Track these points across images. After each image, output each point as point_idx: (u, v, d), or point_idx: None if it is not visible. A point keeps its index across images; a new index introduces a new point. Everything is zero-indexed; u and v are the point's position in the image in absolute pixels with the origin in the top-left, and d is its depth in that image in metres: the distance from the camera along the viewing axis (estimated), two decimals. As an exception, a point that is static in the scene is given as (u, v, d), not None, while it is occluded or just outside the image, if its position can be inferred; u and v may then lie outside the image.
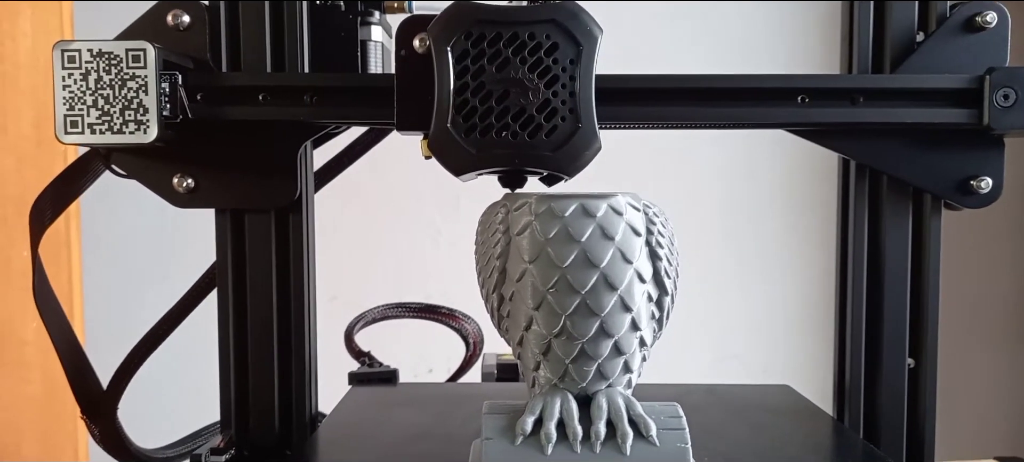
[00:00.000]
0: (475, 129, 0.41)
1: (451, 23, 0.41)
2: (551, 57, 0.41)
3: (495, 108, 0.41)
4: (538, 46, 0.41)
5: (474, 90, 0.41)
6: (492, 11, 0.41)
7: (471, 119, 0.41)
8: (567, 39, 0.41)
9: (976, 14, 0.49)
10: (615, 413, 0.39)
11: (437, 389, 0.65)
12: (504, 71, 0.41)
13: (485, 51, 0.41)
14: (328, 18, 0.52)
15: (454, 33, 0.41)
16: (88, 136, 0.44)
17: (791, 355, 1.45)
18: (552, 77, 0.41)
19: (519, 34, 0.41)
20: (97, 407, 0.55)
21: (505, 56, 0.41)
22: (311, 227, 0.53)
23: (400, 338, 0.74)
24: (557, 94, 0.41)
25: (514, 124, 0.41)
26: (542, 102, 0.41)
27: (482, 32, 0.41)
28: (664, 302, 0.41)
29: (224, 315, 0.51)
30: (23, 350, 1.11)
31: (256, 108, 0.47)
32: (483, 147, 0.41)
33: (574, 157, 0.41)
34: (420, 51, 0.44)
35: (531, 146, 0.41)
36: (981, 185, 0.50)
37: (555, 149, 0.41)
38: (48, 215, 0.53)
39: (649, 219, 0.40)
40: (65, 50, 0.44)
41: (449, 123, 0.41)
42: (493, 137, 0.41)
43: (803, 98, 0.47)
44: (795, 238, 1.44)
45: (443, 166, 0.42)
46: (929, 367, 0.52)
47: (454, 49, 0.41)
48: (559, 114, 0.41)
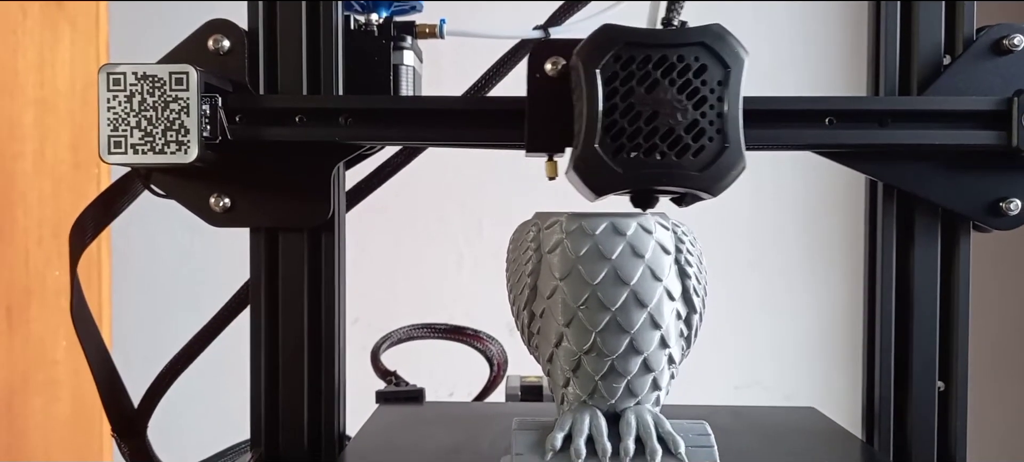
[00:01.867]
0: (623, 150, 0.41)
1: (600, 45, 0.41)
2: (699, 79, 0.41)
3: (644, 129, 0.41)
4: (686, 68, 0.41)
5: (623, 111, 0.41)
6: (641, 34, 0.42)
7: (619, 139, 0.41)
8: (715, 61, 0.41)
9: (1003, 37, 0.49)
10: (644, 430, 0.39)
11: (464, 408, 0.66)
12: (653, 92, 0.41)
13: (634, 73, 0.41)
14: (362, 43, 0.53)
15: (603, 55, 0.41)
16: (131, 156, 0.46)
17: (816, 381, 1.43)
18: (700, 98, 0.41)
19: (668, 56, 0.41)
20: (129, 426, 0.56)
21: (654, 78, 0.41)
22: (342, 246, 0.54)
23: (421, 360, 0.75)
24: (705, 115, 0.41)
25: (661, 144, 0.41)
26: (690, 123, 0.41)
27: (631, 54, 0.41)
28: (693, 320, 0.41)
29: (256, 333, 0.52)
30: (54, 369, 1.13)
31: (293, 129, 0.48)
32: (630, 167, 0.41)
33: (720, 177, 0.41)
34: (552, 74, 0.45)
35: (678, 166, 0.41)
36: (1010, 207, 0.49)
37: (702, 169, 0.41)
38: (88, 234, 0.54)
39: (678, 238, 0.41)
40: (111, 73, 0.46)
41: (597, 143, 0.41)
42: (641, 157, 0.41)
43: (831, 120, 0.48)
44: (820, 263, 1.43)
45: (587, 186, 0.42)
46: (960, 390, 0.52)
47: (603, 71, 0.41)
48: (706, 134, 0.41)
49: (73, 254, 0.54)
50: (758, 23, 1.39)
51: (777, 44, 1.40)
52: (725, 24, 0.42)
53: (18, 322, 1.07)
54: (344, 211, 0.55)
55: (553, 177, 0.47)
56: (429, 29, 0.56)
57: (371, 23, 0.53)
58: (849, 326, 1.43)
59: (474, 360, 0.74)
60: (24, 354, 1.08)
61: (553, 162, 0.48)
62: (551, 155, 0.48)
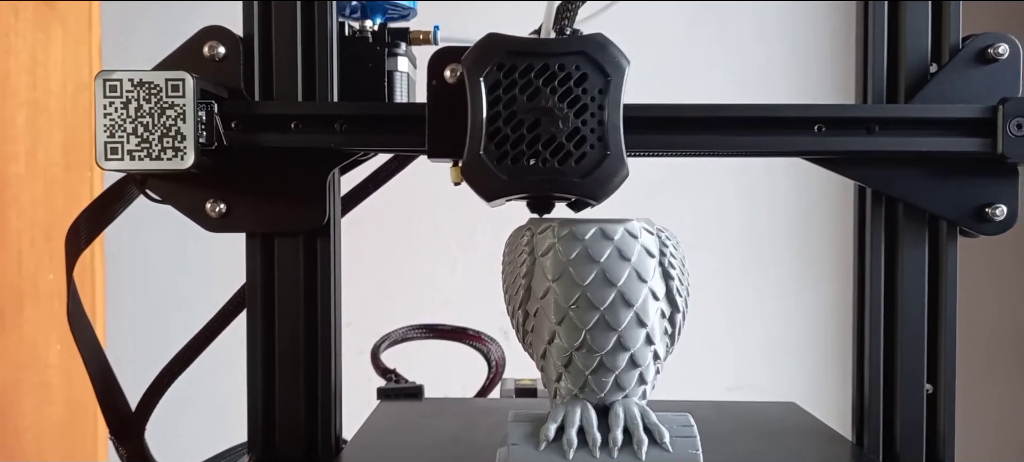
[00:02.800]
0: (507, 156, 0.43)
1: (484, 54, 0.43)
2: (580, 87, 0.42)
3: (526, 136, 0.43)
4: (568, 76, 0.42)
5: (506, 119, 0.43)
6: (524, 43, 0.43)
7: (503, 146, 0.43)
8: (596, 70, 0.42)
9: (988, 46, 0.50)
10: (631, 421, 0.42)
11: (462, 403, 0.68)
12: (535, 100, 0.42)
13: (516, 81, 0.42)
14: (357, 49, 0.54)
15: (487, 64, 0.43)
16: (127, 162, 0.46)
17: (807, 383, 1.45)
18: (581, 106, 0.42)
19: (549, 65, 0.42)
20: (126, 428, 0.57)
21: (536, 86, 0.42)
22: (338, 251, 0.54)
23: (416, 363, 0.76)
24: (586, 123, 0.42)
25: (544, 151, 0.42)
26: (572, 130, 0.42)
27: (514, 63, 0.43)
28: (676, 319, 0.44)
29: (253, 337, 0.53)
30: (47, 372, 1.13)
31: (288, 135, 0.49)
32: (514, 174, 0.43)
33: (602, 183, 0.43)
34: (451, 81, 0.46)
35: (561, 173, 0.42)
36: (996, 212, 0.50)
37: (584, 176, 0.42)
38: (83, 239, 0.55)
39: (662, 242, 0.43)
40: (107, 80, 0.46)
41: (482, 150, 0.43)
42: (524, 164, 0.43)
43: (820, 127, 0.49)
44: (811, 267, 1.45)
45: (475, 191, 0.43)
46: (947, 393, 0.53)
47: (487, 79, 0.43)
48: (588, 142, 0.42)
49: (69, 258, 0.54)
50: (748, 31, 1.40)
51: (767, 51, 1.41)
52: (716, 32, 0.43)
53: (11, 325, 1.06)
54: (339, 216, 0.55)
55: (458, 182, 0.48)
56: (423, 35, 0.56)
57: (366, 30, 0.54)
58: (839, 329, 1.44)
59: (469, 364, 0.75)
60: (17, 356, 1.08)
61: (457, 167, 0.48)
62: (455, 161, 0.48)
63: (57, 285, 1.11)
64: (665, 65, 1.33)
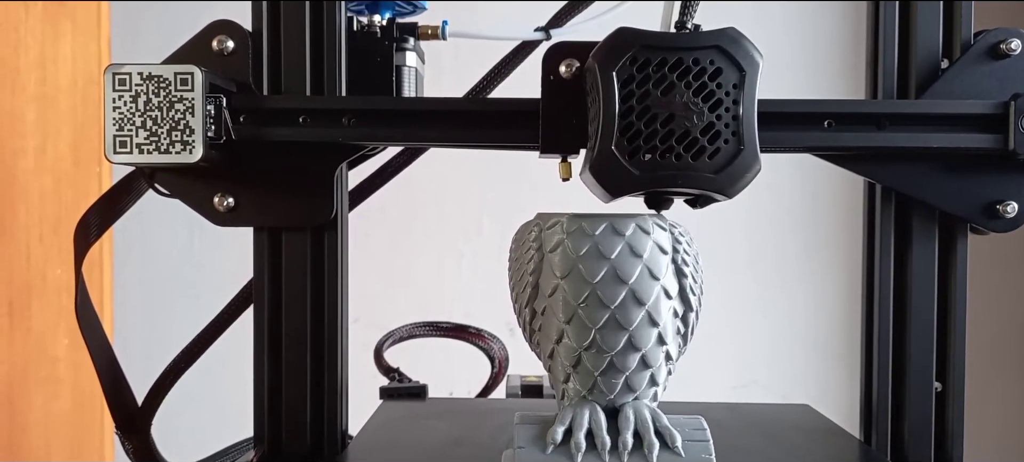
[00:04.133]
0: (639, 151, 0.42)
1: (618, 48, 0.42)
2: (715, 81, 0.41)
3: (660, 131, 0.42)
4: (702, 71, 0.41)
5: (639, 114, 0.42)
6: (657, 37, 0.42)
7: (635, 141, 0.42)
8: (730, 64, 0.41)
9: (1000, 41, 0.50)
10: (642, 424, 0.40)
11: (466, 404, 0.67)
12: (669, 95, 0.41)
13: (650, 75, 0.42)
14: (365, 44, 0.53)
15: (620, 57, 0.42)
16: (136, 156, 0.46)
17: (813, 381, 1.44)
18: (716, 101, 0.41)
19: (684, 59, 0.41)
20: (132, 423, 0.57)
21: (670, 80, 0.41)
22: (345, 245, 0.54)
23: (421, 359, 0.76)
24: (720, 118, 0.41)
25: (677, 146, 0.41)
26: (705, 125, 0.41)
27: (648, 57, 0.42)
28: (689, 318, 0.43)
29: (260, 331, 0.53)
30: (54, 366, 1.13)
31: (296, 129, 0.49)
32: (646, 168, 0.42)
33: (736, 179, 0.42)
34: (566, 76, 0.46)
35: (693, 168, 0.41)
36: (1007, 209, 0.50)
37: (717, 171, 0.41)
38: (93, 233, 0.55)
39: (675, 238, 0.42)
40: (116, 73, 0.46)
41: (614, 145, 0.41)
42: (656, 159, 0.42)
43: (829, 123, 0.48)
44: (817, 263, 1.44)
45: (603, 187, 0.42)
46: (956, 391, 0.53)
47: (620, 74, 0.42)
48: (722, 137, 0.41)
49: (78, 252, 0.54)
50: (757, 26, 1.39)
51: (776, 47, 1.40)
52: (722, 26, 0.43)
53: (19, 319, 1.07)
54: (347, 211, 0.55)
55: (567, 178, 0.48)
56: (431, 30, 0.56)
57: (374, 24, 0.54)
58: (845, 326, 1.44)
59: (474, 360, 0.75)
60: (24, 351, 1.08)
61: (567, 163, 0.48)
62: (565, 156, 0.48)
63: (65, 279, 1.12)
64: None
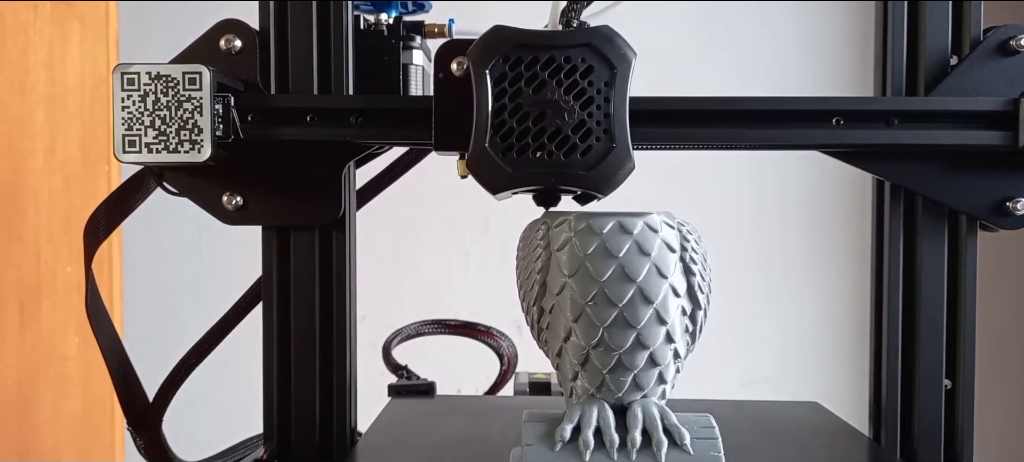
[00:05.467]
0: (512, 149, 0.42)
1: (490, 47, 0.43)
2: (586, 79, 0.42)
3: (532, 129, 0.42)
4: (574, 69, 0.42)
5: (511, 111, 0.42)
6: (529, 35, 0.43)
7: (508, 139, 0.42)
8: (602, 62, 0.42)
9: (1010, 38, 0.49)
10: (650, 422, 0.40)
11: (474, 401, 0.67)
12: (541, 93, 0.42)
13: (522, 74, 0.42)
14: (372, 42, 0.54)
15: (493, 56, 0.42)
16: (145, 155, 0.46)
17: (820, 379, 1.44)
18: (587, 99, 0.42)
19: (555, 57, 0.42)
20: (143, 419, 0.57)
21: (542, 78, 0.42)
22: (353, 244, 0.54)
23: (428, 357, 0.76)
24: (592, 115, 0.42)
25: (550, 144, 0.42)
26: (577, 123, 0.42)
27: (520, 55, 0.42)
28: (697, 316, 0.42)
29: (269, 329, 0.53)
30: (65, 365, 1.14)
31: (304, 128, 0.49)
32: (520, 166, 0.42)
33: (608, 176, 0.42)
34: (458, 74, 0.46)
35: (566, 165, 0.42)
36: (1017, 207, 0.50)
37: (590, 168, 0.42)
38: (102, 231, 0.55)
39: (683, 236, 0.42)
40: (125, 73, 0.46)
41: (487, 143, 0.42)
42: (530, 157, 0.42)
43: (838, 120, 0.48)
44: (824, 261, 1.44)
45: (481, 184, 0.43)
46: (966, 389, 0.52)
47: (493, 71, 0.42)
48: (594, 134, 0.42)
49: (88, 250, 0.54)
50: (763, 24, 1.39)
51: (783, 45, 1.40)
52: (730, 25, 0.43)
53: (29, 318, 1.08)
54: (355, 209, 0.55)
55: (465, 176, 0.48)
56: (438, 29, 0.56)
57: (381, 23, 0.54)
58: (853, 324, 1.43)
59: (481, 358, 0.75)
60: (35, 350, 1.09)
61: (464, 160, 0.48)
62: (462, 154, 0.48)
63: (75, 279, 1.12)
64: (673, 65, 1.32)
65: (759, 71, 1.38)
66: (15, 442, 1.06)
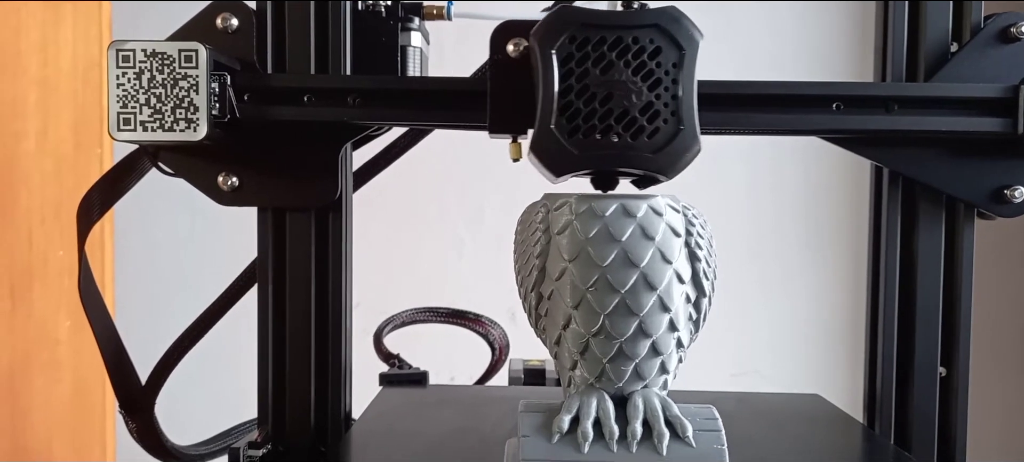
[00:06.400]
0: (578, 131, 0.41)
1: (556, 27, 0.41)
2: (654, 61, 0.41)
3: (598, 110, 0.41)
4: (641, 49, 0.41)
5: (578, 92, 0.41)
6: (596, 15, 0.41)
7: (574, 121, 0.41)
8: (670, 43, 0.41)
9: (1010, 25, 0.49)
10: (651, 413, 0.39)
11: (467, 391, 0.66)
12: (608, 74, 0.41)
13: (589, 54, 0.41)
14: (370, 23, 0.53)
15: (559, 36, 0.41)
16: (140, 133, 0.46)
17: (814, 369, 1.44)
18: (655, 80, 0.41)
19: (623, 38, 0.41)
20: (136, 402, 0.57)
21: (609, 59, 0.41)
22: (349, 227, 0.54)
23: (421, 344, 0.75)
24: (660, 97, 0.41)
25: (617, 126, 0.41)
26: (645, 104, 0.41)
27: (586, 36, 0.41)
28: (702, 304, 0.41)
29: (264, 312, 0.52)
30: (56, 349, 1.13)
31: (301, 109, 0.48)
32: (586, 148, 0.41)
33: (675, 159, 0.41)
34: (513, 56, 0.45)
35: (633, 147, 0.41)
36: (1015, 194, 0.50)
37: (656, 151, 0.41)
38: (95, 212, 0.54)
39: (688, 221, 0.40)
40: (120, 50, 0.46)
41: (553, 124, 0.41)
42: (596, 138, 0.41)
43: (838, 105, 0.48)
44: (819, 250, 1.44)
45: (544, 166, 0.42)
46: (961, 376, 0.52)
47: (559, 52, 0.41)
48: (661, 116, 0.41)
49: (81, 232, 0.54)
50: (762, 12, 1.39)
51: (783, 36, 1.40)
52: (728, 13, 0.42)
53: (20, 302, 1.07)
54: (351, 191, 0.55)
55: (517, 159, 0.47)
56: (437, 11, 0.56)
57: (379, 4, 0.53)
58: (847, 313, 1.44)
59: (474, 345, 0.75)
60: (26, 334, 1.08)
61: (517, 144, 0.48)
62: (515, 137, 0.47)
63: (67, 262, 1.12)
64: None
65: (758, 59, 1.38)
66: (7, 425, 1.06)
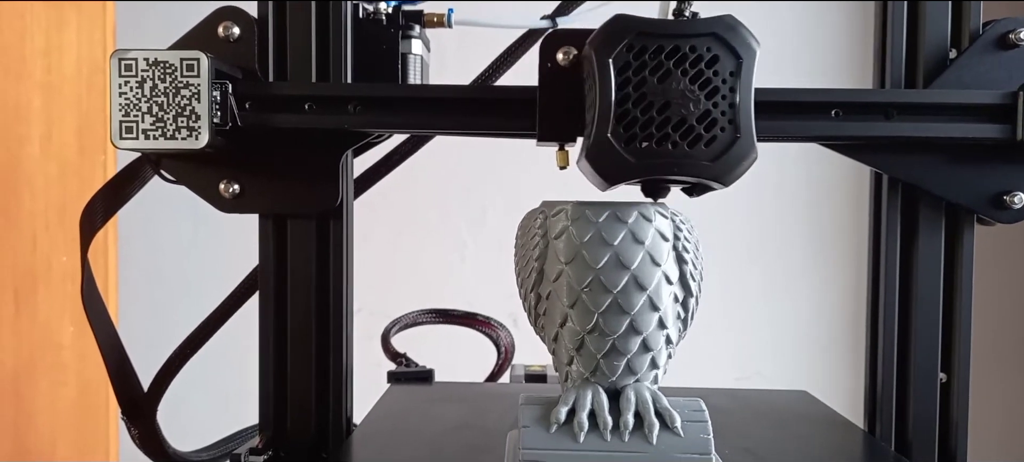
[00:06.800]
0: (636, 139, 0.41)
1: (614, 35, 0.42)
2: (711, 69, 0.41)
3: (656, 118, 0.41)
4: (699, 58, 0.41)
5: (635, 101, 0.41)
6: (653, 24, 0.42)
7: (632, 129, 0.41)
8: (727, 52, 0.41)
9: (1009, 31, 0.49)
10: (642, 405, 0.41)
11: (472, 388, 0.68)
12: (665, 82, 0.41)
13: (647, 63, 0.41)
14: (371, 31, 0.53)
15: (616, 45, 0.41)
16: (142, 141, 0.46)
17: (816, 372, 1.44)
18: (712, 89, 0.41)
19: (680, 46, 0.41)
20: (138, 408, 0.57)
21: (666, 68, 0.41)
22: (350, 233, 0.54)
23: (426, 347, 0.76)
24: (717, 105, 0.41)
25: (674, 134, 0.41)
26: (702, 113, 0.41)
27: (644, 44, 0.41)
28: (689, 303, 0.43)
29: (265, 318, 0.53)
30: (60, 353, 1.14)
31: (302, 116, 0.49)
32: (642, 156, 0.41)
33: (732, 167, 0.41)
34: (564, 64, 0.46)
35: (689, 156, 0.41)
36: (1014, 200, 0.50)
37: (714, 159, 0.41)
38: (98, 219, 0.55)
39: (676, 226, 0.43)
40: (122, 59, 0.46)
41: (610, 132, 0.41)
42: (653, 146, 0.41)
43: (837, 112, 0.48)
44: (821, 255, 1.44)
45: (599, 174, 0.42)
46: (961, 382, 0.53)
47: (616, 61, 0.41)
48: (718, 125, 0.41)
49: (84, 238, 0.54)
50: (763, 17, 1.39)
51: (782, 41, 1.40)
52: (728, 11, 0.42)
53: (25, 306, 1.07)
54: (352, 198, 0.55)
55: (564, 166, 0.48)
56: (437, 18, 0.56)
57: (380, 12, 0.54)
58: (849, 318, 1.44)
59: (478, 349, 0.75)
60: (30, 338, 1.09)
61: (564, 151, 0.48)
62: (562, 144, 0.48)
63: (71, 267, 1.12)
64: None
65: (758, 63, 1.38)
66: (12, 429, 1.06)
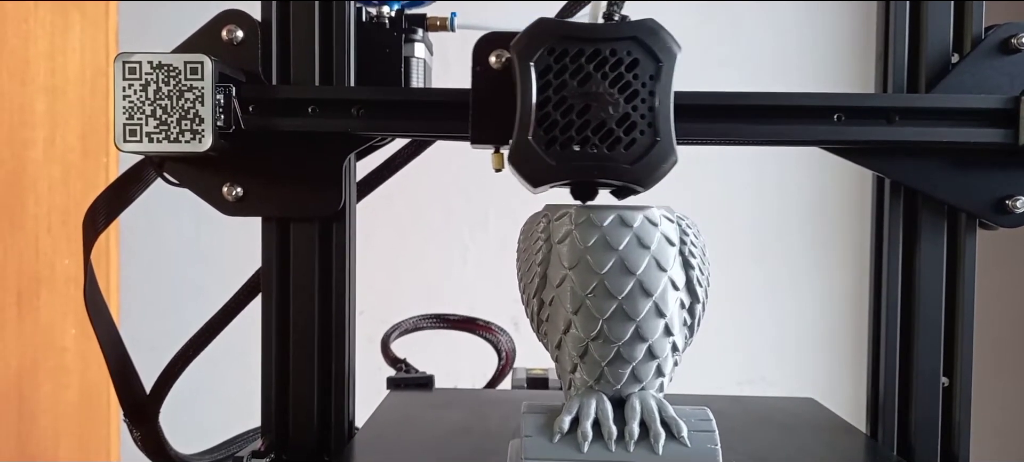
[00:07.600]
0: (556, 142, 0.42)
1: (535, 39, 0.42)
2: (631, 73, 0.42)
3: (576, 121, 0.42)
4: (619, 62, 0.42)
5: (556, 104, 0.42)
6: (575, 28, 0.42)
7: (552, 132, 0.42)
8: (647, 55, 0.41)
9: (1012, 36, 0.49)
10: (648, 414, 0.40)
11: (473, 394, 0.67)
12: (586, 85, 0.42)
13: (567, 66, 0.42)
14: (374, 35, 0.54)
15: (537, 48, 0.42)
16: (146, 144, 0.46)
17: (819, 377, 1.44)
18: (632, 92, 0.41)
19: (601, 50, 0.42)
20: (140, 411, 0.57)
21: (587, 71, 0.42)
22: (353, 236, 0.54)
23: (427, 352, 0.76)
24: (636, 109, 0.41)
25: (594, 137, 0.42)
26: (622, 116, 0.41)
27: (565, 48, 0.42)
28: (696, 309, 0.43)
29: (268, 321, 0.53)
30: (63, 356, 1.14)
31: (305, 120, 0.49)
32: (563, 159, 0.42)
33: (652, 170, 0.42)
34: (496, 67, 0.46)
35: (610, 159, 0.41)
36: (1016, 204, 0.50)
37: (633, 162, 0.41)
38: (101, 222, 0.55)
39: (682, 230, 0.42)
40: (126, 62, 0.46)
41: (530, 135, 0.42)
42: (573, 150, 0.42)
43: (839, 116, 0.48)
44: (824, 259, 1.44)
45: (522, 177, 0.43)
46: (964, 386, 0.52)
47: (537, 64, 0.42)
48: (638, 128, 0.41)
49: (86, 241, 0.54)
50: (766, 19, 1.39)
51: (784, 41, 1.40)
52: (733, 22, 0.43)
53: (27, 309, 1.08)
54: (355, 201, 0.55)
55: (499, 169, 0.47)
56: (440, 22, 0.56)
57: (383, 15, 0.54)
58: (852, 322, 1.44)
59: (479, 354, 0.75)
60: (33, 340, 1.09)
61: (499, 154, 0.48)
62: (497, 147, 0.48)
63: (73, 270, 1.12)
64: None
65: (761, 66, 1.38)
66: (14, 432, 1.06)
